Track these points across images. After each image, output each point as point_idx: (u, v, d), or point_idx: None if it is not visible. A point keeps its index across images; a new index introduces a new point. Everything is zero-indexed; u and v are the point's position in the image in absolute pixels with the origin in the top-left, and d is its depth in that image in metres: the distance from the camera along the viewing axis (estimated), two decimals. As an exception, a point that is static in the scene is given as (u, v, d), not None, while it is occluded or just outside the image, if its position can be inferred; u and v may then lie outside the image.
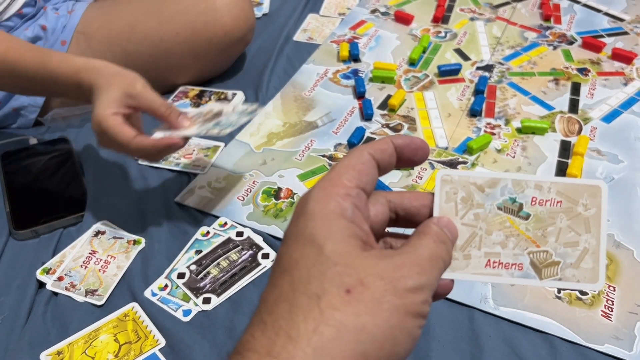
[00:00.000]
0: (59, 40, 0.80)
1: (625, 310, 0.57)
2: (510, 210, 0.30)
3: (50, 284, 0.60)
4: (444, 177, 0.31)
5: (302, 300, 0.24)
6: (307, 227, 0.26)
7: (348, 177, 0.27)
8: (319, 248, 0.25)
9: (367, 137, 0.79)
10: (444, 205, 0.30)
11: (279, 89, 0.89)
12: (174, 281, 0.61)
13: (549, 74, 0.92)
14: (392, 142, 0.30)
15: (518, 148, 0.77)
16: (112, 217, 0.68)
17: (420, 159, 0.31)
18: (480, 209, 0.30)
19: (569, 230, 0.30)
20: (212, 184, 0.72)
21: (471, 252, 0.30)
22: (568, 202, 0.30)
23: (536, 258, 0.30)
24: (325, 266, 0.25)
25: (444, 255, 0.28)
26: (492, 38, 1.01)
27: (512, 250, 0.30)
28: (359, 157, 0.28)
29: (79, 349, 0.55)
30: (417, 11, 1.09)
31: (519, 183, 0.30)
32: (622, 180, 0.72)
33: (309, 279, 0.25)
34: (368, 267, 0.25)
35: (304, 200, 0.27)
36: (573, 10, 1.09)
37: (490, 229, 0.30)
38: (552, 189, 0.30)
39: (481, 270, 0.30)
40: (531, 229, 0.30)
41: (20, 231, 0.65)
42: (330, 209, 0.26)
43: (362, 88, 0.88)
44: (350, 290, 0.24)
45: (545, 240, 0.30)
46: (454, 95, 0.88)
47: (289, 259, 0.26)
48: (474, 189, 0.30)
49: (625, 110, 0.84)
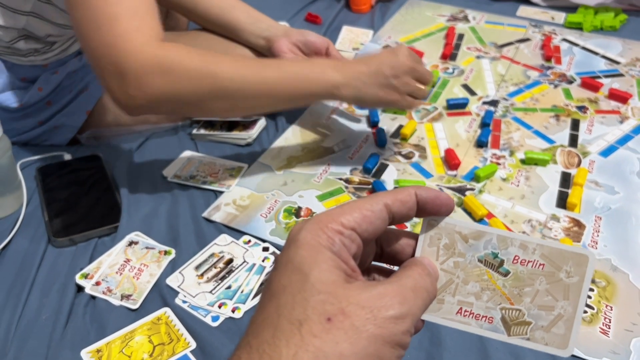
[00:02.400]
0: None
1: (622, 328, 0.62)
2: (490, 264, 0.30)
3: (89, 288, 0.64)
4: (431, 222, 0.31)
5: (285, 326, 0.25)
6: (297, 255, 0.27)
7: (349, 218, 0.28)
8: (305, 276, 0.26)
9: (381, 162, 0.85)
10: (426, 249, 0.31)
11: (297, 117, 0.95)
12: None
13: (550, 110, 0.98)
14: (415, 194, 0.29)
15: (522, 177, 0.83)
16: (144, 229, 0.72)
17: (444, 215, 0.30)
18: (460, 258, 0.30)
19: (547, 294, 0.29)
20: (236, 202, 0.78)
21: (445, 297, 0.30)
22: (551, 266, 0.29)
23: (508, 315, 0.30)
24: (309, 293, 0.25)
25: (428, 286, 0.28)
26: (497, 75, 1.08)
27: (485, 302, 0.30)
28: (372, 204, 0.28)
29: (116, 347, 0.59)
30: (426, 48, 1.16)
31: (504, 239, 0.30)
32: (618, 210, 0.77)
33: (294, 305, 0.25)
34: (350, 296, 0.26)
35: (298, 230, 0.28)
36: (572, 52, 1.16)
37: (467, 279, 0.30)
38: (537, 251, 0.30)
39: (452, 316, 0.30)
40: (508, 286, 0.30)
41: (59, 239, 0.70)
42: (319, 241, 0.27)
43: (375, 118, 0.94)
44: (331, 318, 0.25)
45: (521, 299, 0.30)
46: (461, 127, 0.94)
47: (278, 284, 0.27)
48: (458, 237, 0.30)
49: (621, 146, 0.90)
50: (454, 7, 1.35)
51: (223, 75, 0.65)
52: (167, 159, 0.85)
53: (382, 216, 0.28)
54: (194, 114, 0.74)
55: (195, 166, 0.83)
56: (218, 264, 0.68)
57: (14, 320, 0.61)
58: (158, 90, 0.63)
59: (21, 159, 0.82)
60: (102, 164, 0.83)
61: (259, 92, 0.68)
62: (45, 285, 0.65)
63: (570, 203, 0.77)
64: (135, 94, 0.62)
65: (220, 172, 0.82)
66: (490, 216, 0.75)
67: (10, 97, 0.82)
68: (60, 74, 0.83)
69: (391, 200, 0.29)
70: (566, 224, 0.75)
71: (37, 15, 0.76)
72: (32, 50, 0.80)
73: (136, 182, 0.80)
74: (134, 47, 0.61)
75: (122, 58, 0.61)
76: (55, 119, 0.85)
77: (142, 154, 0.87)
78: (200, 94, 0.65)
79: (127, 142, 0.88)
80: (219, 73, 0.65)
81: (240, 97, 0.67)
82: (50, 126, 0.85)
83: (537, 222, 0.75)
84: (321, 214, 0.28)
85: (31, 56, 0.81)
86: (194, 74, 0.64)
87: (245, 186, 0.80)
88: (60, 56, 0.83)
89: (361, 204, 0.28)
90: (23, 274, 0.67)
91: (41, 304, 0.63)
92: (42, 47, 0.80)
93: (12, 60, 0.81)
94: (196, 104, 0.67)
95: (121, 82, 0.62)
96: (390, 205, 0.29)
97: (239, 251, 0.70)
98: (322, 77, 0.70)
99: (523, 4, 1.36)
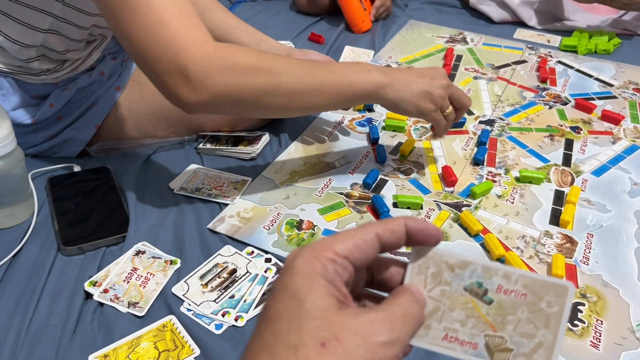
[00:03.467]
0: (114, 85, 0.89)
1: (612, 341, 0.64)
2: (475, 293, 0.31)
3: (97, 295, 0.67)
4: (419, 251, 0.32)
5: (281, 351, 0.26)
6: (292, 282, 0.28)
7: (341, 247, 0.29)
8: (300, 303, 0.27)
9: (381, 178, 0.88)
10: (415, 277, 0.32)
11: (300, 132, 0.98)
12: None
13: (545, 130, 1.01)
14: (405, 224, 0.31)
15: (517, 195, 0.85)
16: (150, 239, 0.75)
17: (432, 245, 0.32)
18: (447, 287, 0.31)
19: (528, 323, 0.30)
20: (240, 214, 0.80)
21: (432, 323, 0.31)
22: (532, 296, 0.30)
23: (491, 341, 0.31)
24: (304, 320, 0.27)
25: (416, 314, 0.30)
26: (494, 96, 1.11)
27: (470, 329, 0.31)
28: (363, 233, 0.30)
29: (123, 353, 0.61)
30: (425, 68, 1.19)
31: (488, 269, 0.31)
32: (609, 228, 0.80)
33: (289, 331, 0.27)
34: (343, 323, 0.27)
35: (293, 257, 0.29)
36: (567, 74, 1.20)
37: (453, 307, 0.31)
38: (520, 281, 0.31)
39: (438, 341, 0.31)
40: (492, 314, 0.31)
41: (68, 247, 0.72)
42: (314, 269, 0.28)
43: (375, 135, 0.97)
44: (325, 343, 0.26)
45: (504, 327, 0.31)
46: (458, 145, 0.97)
47: (274, 310, 0.28)
48: (445, 267, 0.32)
49: (613, 166, 0.93)
50: (452, 29, 1.39)
51: (278, 70, 0.67)
52: (173, 172, 0.88)
53: (373, 245, 0.30)
54: (251, 112, 0.76)
55: (200, 179, 0.86)
56: (222, 274, 0.70)
57: (24, 325, 0.63)
58: (220, 85, 0.64)
59: (32, 170, 0.85)
60: (111, 175, 0.85)
61: (312, 89, 0.70)
62: (54, 292, 0.67)
63: (563, 220, 0.80)
64: (199, 89, 0.63)
65: (225, 185, 0.85)
66: (486, 232, 0.78)
67: (23, 114, 0.85)
68: (70, 90, 0.86)
69: (382, 230, 0.30)
70: (559, 240, 0.77)
71: (54, 32, 0.79)
72: (45, 70, 0.83)
73: (143, 194, 0.82)
74: (192, 43, 0.62)
75: (183, 55, 0.62)
76: (65, 132, 0.88)
77: (149, 166, 0.89)
78: (258, 89, 0.66)
79: (135, 155, 0.91)
80: (275, 68, 0.67)
81: (295, 94, 0.69)
82: (60, 139, 0.88)
83: (531, 238, 0.77)
84: (316, 242, 0.29)
85: (42, 75, 0.84)
86: (252, 68, 0.66)
87: (249, 199, 0.83)
88: (71, 74, 0.86)
89: (353, 234, 0.30)
90: (33, 280, 0.69)
91: (50, 310, 0.65)
92: (55, 67, 0.83)
93: (25, 79, 0.84)
94: (254, 101, 0.68)
95: (185, 80, 0.63)
96: (381, 235, 0.30)
97: (243, 262, 0.72)
98: (370, 77, 0.74)
99: (520, 27, 1.41)
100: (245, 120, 0.97)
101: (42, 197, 0.82)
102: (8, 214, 0.76)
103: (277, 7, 1.52)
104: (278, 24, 1.39)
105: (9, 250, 0.72)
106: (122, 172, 0.87)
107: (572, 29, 1.37)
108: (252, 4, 1.56)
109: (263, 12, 1.48)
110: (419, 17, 1.46)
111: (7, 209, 0.76)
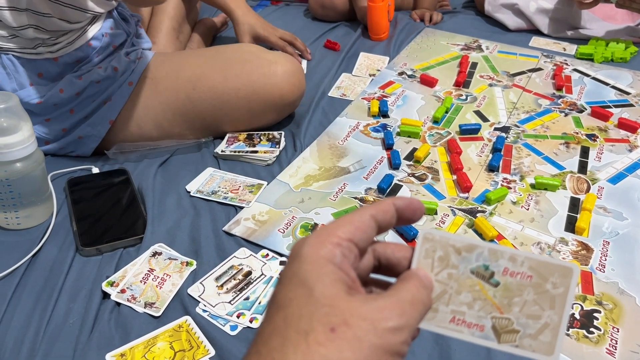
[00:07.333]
0: (127, 81, 0.91)
1: (628, 349, 0.64)
2: (481, 275, 0.32)
3: (114, 295, 0.68)
4: (427, 235, 0.32)
5: (292, 335, 0.27)
6: (301, 269, 0.29)
7: (344, 230, 0.30)
8: (310, 290, 0.28)
9: (395, 183, 0.88)
10: (422, 260, 0.32)
11: (315, 137, 0.99)
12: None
13: (561, 137, 1.01)
14: (393, 204, 0.32)
15: (532, 202, 0.85)
16: (167, 240, 0.76)
17: (418, 218, 0.33)
18: (454, 270, 0.32)
19: (534, 304, 0.31)
20: (256, 217, 0.81)
21: (439, 306, 0.32)
22: (538, 277, 0.31)
23: (498, 323, 0.31)
24: (314, 307, 0.27)
25: (424, 299, 0.30)
26: (509, 103, 1.11)
27: (477, 312, 0.31)
28: (360, 216, 0.31)
29: (139, 352, 0.61)
30: (440, 75, 1.20)
31: (494, 252, 0.32)
32: (626, 235, 0.79)
33: (300, 317, 0.27)
34: (353, 308, 0.27)
35: (300, 245, 0.30)
36: (583, 82, 1.19)
37: (460, 290, 0.32)
38: (525, 263, 0.31)
39: (445, 324, 0.31)
40: (498, 296, 0.31)
41: (86, 248, 0.73)
42: (321, 255, 0.29)
43: (390, 140, 0.97)
44: (335, 329, 0.27)
45: (510, 308, 0.31)
46: (473, 151, 0.97)
47: (284, 297, 0.28)
48: (452, 250, 0.32)
49: (629, 174, 0.92)
50: (468, 36, 1.40)
51: None
52: (190, 175, 0.89)
53: (371, 225, 0.31)
54: None
55: (217, 182, 0.87)
56: (237, 276, 0.71)
57: (42, 323, 0.64)
58: None
59: (52, 171, 0.86)
60: (129, 178, 0.86)
61: None
62: (72, 291, 0.68)
63: (578, 227, 0.79)
64: None
65: (240, 188, 0.86)
66: (500, 238, 0.78)
67: (31, 92, 0.86)
68: (84, 80, 0.87)
69: (375, 211, 0.31)
70: (574, 247, 0.77)
71: None
72: (40, 40, 0.83)
73: (161, 196, 0.84)
74: None
75: None
76: (80, 129, 0.89)
77: (166, 169, 0.90)
78: None
79: (152, 158, 0.92)
80: None
81: None
82: (74, 136, 0.90)
83: (546, 245, 0.77)
84: (318, 230, 0.30)
85: (40, 47, 0.84)
86: None
87: (264, 202, 0.84)
88: (68, 49, 0.86)
89: (351, 218, 0.31)
90: (52, 280, 0.70)
91: (68, 309, 0.66)
92: (49, 37, 0.84)
93: (24, 55, 0.84)
94: None
95: None
96: (375, 215, 0.31)
97: (258, 264, 0.73)
98: None
99: (536, 35, 1.40)
100: (260, 125, 0.98)
101: (61, 199, 0.83)
102: (28, 214, 0.77)
103: (292, 12, 1.54)
104: (294, 31, 1.39)
105: (28, 250, 0.74)
106: (140, 175, 0.88)
107: (588, 37, 1.37)
108: (272, 8, 1.59)
109: (279, 19, 1.49)
110: (435, 25, 1.47)
111: (27, 210, 0.77)
